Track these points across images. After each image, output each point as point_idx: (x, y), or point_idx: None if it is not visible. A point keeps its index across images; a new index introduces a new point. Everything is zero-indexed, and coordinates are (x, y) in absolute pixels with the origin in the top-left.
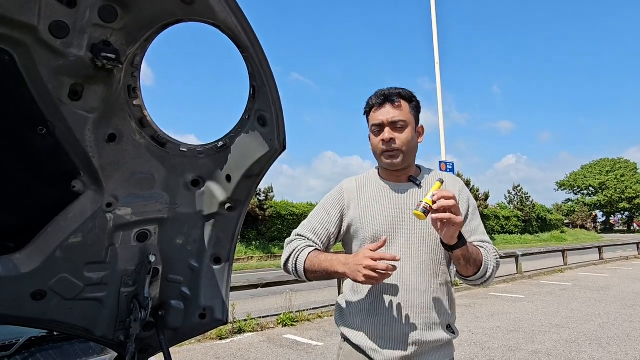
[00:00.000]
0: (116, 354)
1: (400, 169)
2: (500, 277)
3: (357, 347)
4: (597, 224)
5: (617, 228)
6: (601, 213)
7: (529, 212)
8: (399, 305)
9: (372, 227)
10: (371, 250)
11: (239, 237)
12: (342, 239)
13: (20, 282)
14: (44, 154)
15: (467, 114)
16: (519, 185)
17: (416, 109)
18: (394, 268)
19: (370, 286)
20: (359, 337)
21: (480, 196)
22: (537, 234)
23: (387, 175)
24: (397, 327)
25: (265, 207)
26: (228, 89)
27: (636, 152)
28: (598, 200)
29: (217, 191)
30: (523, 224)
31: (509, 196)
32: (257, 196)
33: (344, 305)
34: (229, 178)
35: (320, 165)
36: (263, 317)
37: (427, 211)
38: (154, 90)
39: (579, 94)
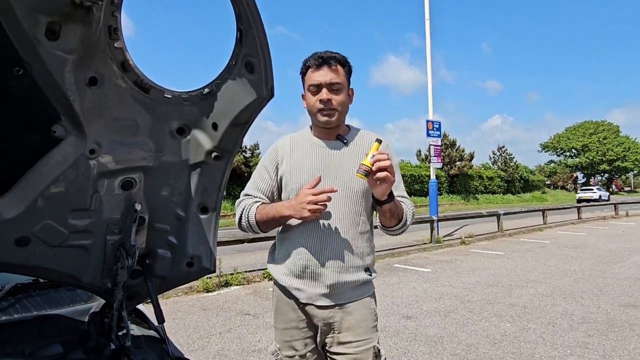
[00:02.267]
0: (104, 301)
1: (333, 127)
2: (482, 234)
3: (283, 288)
4: (578, 185)
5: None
6: (582, 174)
7: (512, 172)
8: (321, 250)
9: (299, 180)
10: (309, 189)
11: (225, 192)
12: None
13: (3, 229)
14: (22, 97)
15: (455, 73)
16: (503, 146)
17: (349, 73)
18: (330, 199)
19: (296, 234)
20: (285, 279)
21: (465, 156)
22: (519, 194)
23: (318, 133)
24: (318, 269)
25: (251, 164)
26: (210, 40)
27: (620, 114)
28: (580, 162)
29: (203, 140)
30: (506, 184)
31: (494, 157)
32: (243, 153)
33: (274, 251)
34: (215, 126)
35: (306, 122)
36: (249, 271)
37: (367, 173)
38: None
39: (568, 55)
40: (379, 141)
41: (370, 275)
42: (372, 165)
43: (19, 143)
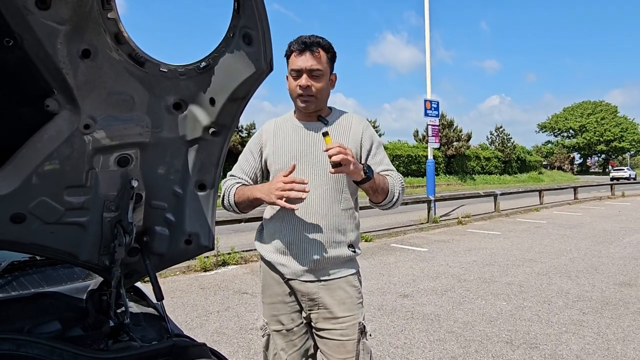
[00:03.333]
0: (102, 279)
1: (312, 111)
2: (479, 214)
3: (269, 264)
4: (574, 165)
5: (593, 170)
6: (579, 155)
7: (509, 153)
8: (304, 227)
9: (282, 160)
10: (283, 176)
11: (222, 170)
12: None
13: None
14: (13, 69)
15: (453, 52)
16: (501, 127)
17: (332, 59)
18: (304, 190)
19: (281, 213)
20: (271, 255)
21: (462, 137)
22: (516, 175)
23: (300, 116)
24: (302, 245)
25: (247, 143)
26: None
27: (618, 95)
28: (577, 142)
29: (200, 115)
30: (503, 165)
31: (491, 137)
32: (239, 133)
33: (261, 230)
34: (212, 101)
35: None
36: (246, 250)
37: (338, 165)
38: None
39: (567, 34)
40: (325, 134)
41: (354, 252)
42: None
43: (11, 117)
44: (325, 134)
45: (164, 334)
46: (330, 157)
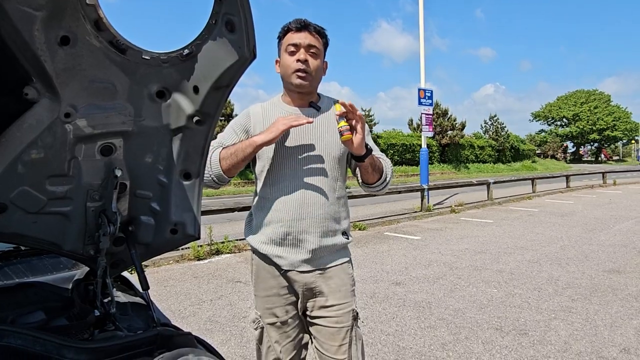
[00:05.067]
0: (88, 269)
1: (305, 92)
2: (472, 203)
3: (264, 256)
4: (567, 154)
5: (585, 158)
6: (572, 144)
7: (503, 142)
8: (300, 216)
9: (277, 148)
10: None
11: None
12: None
13: None
14: None
15: (448, 40)
16: (495, 115)
17: (325, 45)
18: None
19: (274, 202)
20: (266, 247)
21: (457, 126)
22: (510, 164)
23: (291, 101)
24: (300, 235)
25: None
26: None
27: (612, 83)
28: (570, 131)
29: (184, 103)
30: (496, 154)
31: (485, 126)
32: None
33: (251, 221)
34: (196, 89)
35: None
36: (240, 239)
37: (348, 130)
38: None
39: (563, 21)
40: (336, 101)
41: (347, 239)
42: (348, 120)
43: None
44: (335, 102)
45: (151, 323)
46: (352, 117)
